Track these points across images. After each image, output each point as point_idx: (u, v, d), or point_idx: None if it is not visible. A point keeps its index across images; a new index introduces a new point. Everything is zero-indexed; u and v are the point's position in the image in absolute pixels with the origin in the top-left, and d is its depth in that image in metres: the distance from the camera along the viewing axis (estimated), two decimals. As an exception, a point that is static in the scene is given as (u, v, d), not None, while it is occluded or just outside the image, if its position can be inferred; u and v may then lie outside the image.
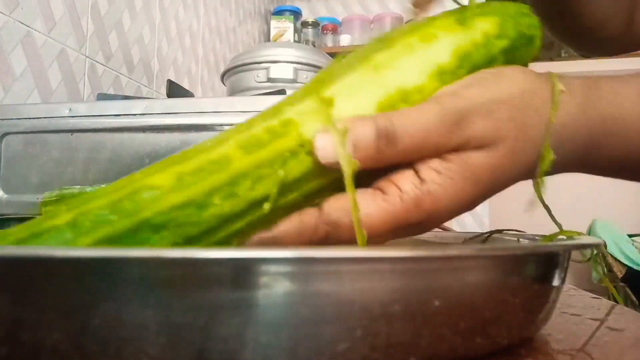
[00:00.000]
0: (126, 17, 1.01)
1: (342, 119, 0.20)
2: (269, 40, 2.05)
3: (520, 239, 0.35)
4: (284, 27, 2.01)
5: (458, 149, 0.21)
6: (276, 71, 0.88)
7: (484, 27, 0.24)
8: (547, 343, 0.23)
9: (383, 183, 0.21)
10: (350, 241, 0.21)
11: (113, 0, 0.96)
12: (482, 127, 0.21)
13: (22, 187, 0.53)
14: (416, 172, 0.21)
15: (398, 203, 0.21)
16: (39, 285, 0.15)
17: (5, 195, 0.53)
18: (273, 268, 0.16)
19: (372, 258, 0.17)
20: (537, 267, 0.22)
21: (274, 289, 0.16)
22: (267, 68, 0.88)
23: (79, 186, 0.31)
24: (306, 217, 0.21)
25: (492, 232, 0.37)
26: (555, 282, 0.23)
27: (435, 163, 0.21)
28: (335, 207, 0.21)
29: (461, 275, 0.18)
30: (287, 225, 0.21)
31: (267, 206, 0.19)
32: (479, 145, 0.21)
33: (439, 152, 0.21)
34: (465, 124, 0.21)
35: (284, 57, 0.88)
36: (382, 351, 0.17)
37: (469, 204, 0.22)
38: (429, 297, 0.17)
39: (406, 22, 0.31)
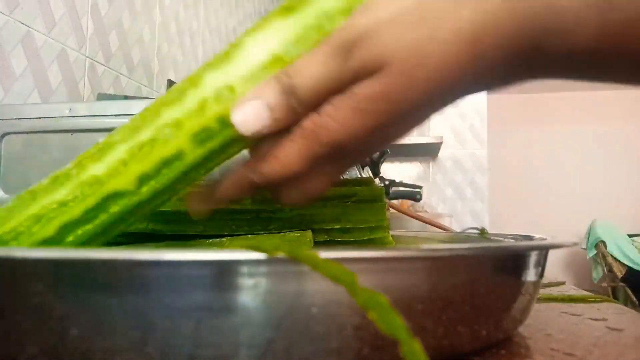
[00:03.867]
0: (126, 17, 1.01)
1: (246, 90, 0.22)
2: (269, 40, 2.05)
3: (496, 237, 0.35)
4: (284, 27, 2.01)
5: (354, 81, 0.21)
6: (276, 71, 0.87)
7: None
8: (547, 343, 0.23)
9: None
10: (270, 173, 0.22)
11: (113, 0, 0.97)
12: (365, 55, 0.20)
13: (22, 187, 0.52)
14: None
15: (299, 139, 0.22)
16: (12, 288, 0.16)
17: (5, 196, 0.53)
18: (261, 269, 0.16)
19: (347, 259, 0.16)
20: (510, 265, 0.22)
21: (259, 290, 0.16)
22: (267, 68, 0.88)
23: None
24: (236, 168, 0.23)
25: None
26: (530, 278, 0.23)
27: (333, 97, 0.21)
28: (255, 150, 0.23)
29: (424, 274, 0.19)
30: (225, 180, 0.24)
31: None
32: (368, 74, 0.20)
33: (344, 88, 0.21)
34: (350, 55, 0.20)
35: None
36: (371, 348, 0.17)
37: (370, 134, 0.21)
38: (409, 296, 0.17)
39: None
